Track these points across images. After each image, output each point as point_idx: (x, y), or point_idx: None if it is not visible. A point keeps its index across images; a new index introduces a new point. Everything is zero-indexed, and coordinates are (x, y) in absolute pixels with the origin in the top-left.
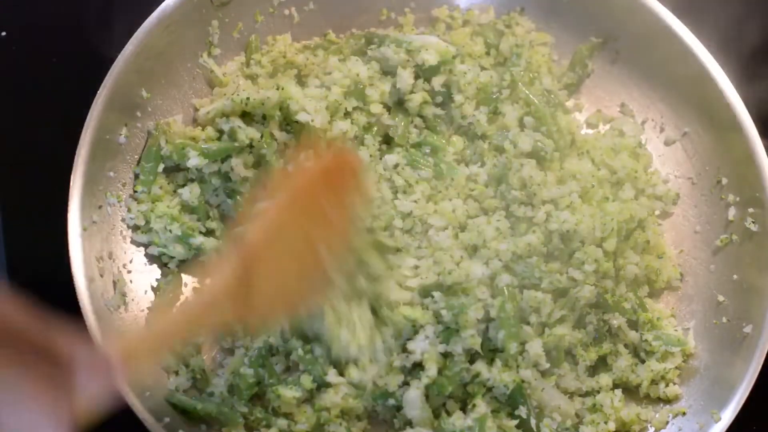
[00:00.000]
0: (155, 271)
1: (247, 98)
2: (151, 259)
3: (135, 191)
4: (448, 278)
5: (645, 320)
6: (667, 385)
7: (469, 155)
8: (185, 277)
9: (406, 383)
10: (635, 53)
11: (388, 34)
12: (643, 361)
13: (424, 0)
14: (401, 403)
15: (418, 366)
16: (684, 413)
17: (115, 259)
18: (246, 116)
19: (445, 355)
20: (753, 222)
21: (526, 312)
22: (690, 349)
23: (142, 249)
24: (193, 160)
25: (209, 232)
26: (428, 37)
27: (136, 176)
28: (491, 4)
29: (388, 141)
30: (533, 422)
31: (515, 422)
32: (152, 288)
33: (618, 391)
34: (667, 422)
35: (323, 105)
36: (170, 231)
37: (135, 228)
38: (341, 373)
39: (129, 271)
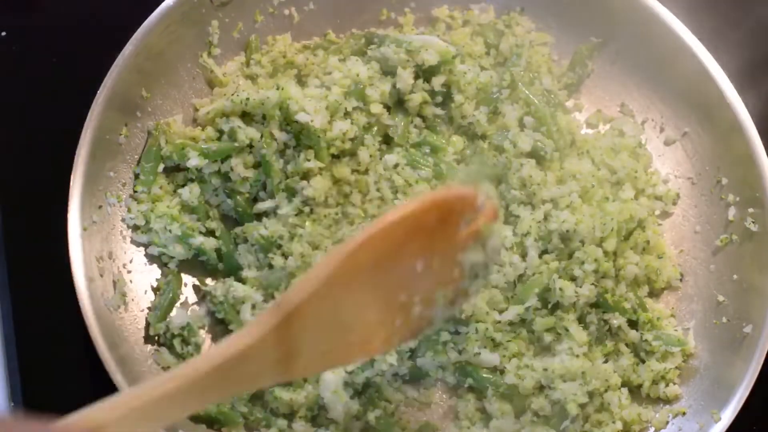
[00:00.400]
0: (155, 271)
1: (247, 98)
2: (151, 259)
3: (135, 191)
4: None
5: (645, 320)
6: (667, 385)
7: (469, 155)
8: (185, 277)
9: None
10: (635, 53)
11: (388, 34)
12: (643, 361)
13: (424, 0)
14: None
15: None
16: (684, 413)
17: (115, 259)
18: (246, 116)
19: None
20: (753, 222)
21: None
22: (690, 349)
23: (142, 249)
24: (193, 160)
25: (209, 232)
26: (428, 37)
27: (136, 176)
28: (491, 4)
29: (388, 141)
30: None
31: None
32: (152, 288)
33: (624, 390)
34: (667, 422)
35: (323, 105)
36: (170, 231)
37: (135, 228)
38: None
39: (129, 271)
